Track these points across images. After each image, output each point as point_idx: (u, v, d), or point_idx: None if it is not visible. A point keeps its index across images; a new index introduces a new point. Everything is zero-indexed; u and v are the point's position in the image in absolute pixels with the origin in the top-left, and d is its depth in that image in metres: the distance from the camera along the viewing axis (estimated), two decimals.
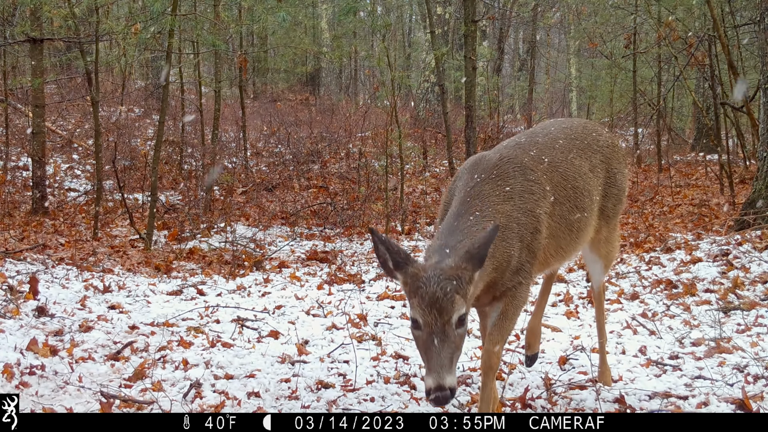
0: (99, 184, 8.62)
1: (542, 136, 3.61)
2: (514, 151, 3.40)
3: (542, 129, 3.75)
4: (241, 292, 6.19)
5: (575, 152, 3.61)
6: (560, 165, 3.47)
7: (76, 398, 3.65)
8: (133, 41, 9.91)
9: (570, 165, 3.52)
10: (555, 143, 3.57)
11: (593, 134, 3.79)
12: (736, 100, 9.40)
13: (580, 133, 3.74)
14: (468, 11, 9.18)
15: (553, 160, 3.46)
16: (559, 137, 3.63)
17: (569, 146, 3.61)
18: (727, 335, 4.61)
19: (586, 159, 3.64)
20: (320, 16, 23.52)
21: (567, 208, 3.42)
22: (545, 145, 3.53)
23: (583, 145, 3.68)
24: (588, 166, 3.63)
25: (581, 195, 3.51)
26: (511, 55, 27.66)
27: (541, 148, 3.50)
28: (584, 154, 3.65)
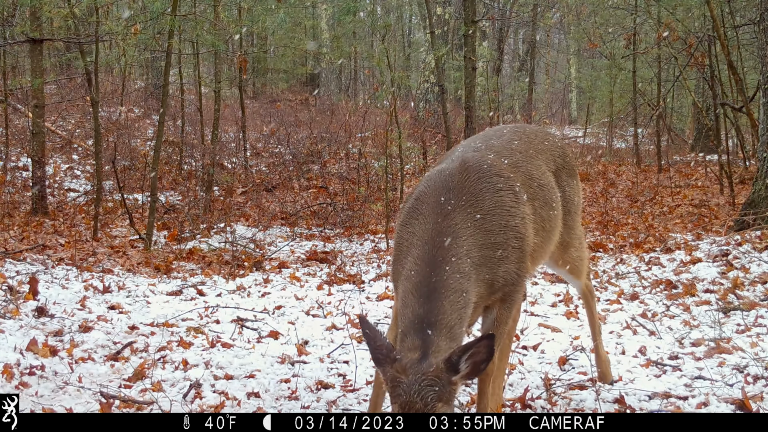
0: (99, 185, 8.62)
1: (497, 139, 3.46)
2: (473, 160, 3.13)
3: (495, 132, 3.61)
4: (240, 293, 6.20)
5: (533, 151, 3.49)
6: (521, 165, 3.32)
7: (76, 398, 3.65)
8: (133, 41, 9.90)
9: (531, 164, 3.39)
10: (511, 144, 3.43)
11: (545, 143, 3.67)
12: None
13: (534, 138, 3.63)
14: (468, 12, 9.18)
15: (513, 161, 3.30)
16: (514, 139, 3.49)
17: (525, 147, 3.48)
18: (727, 335, 4.61)
19: (544, 161, 3.53)
20: (320, 17, 23.52)
21: (539, 204, 3.29)
22: (502, 147, 3.37)
23: (539, 148, 3.57)
24: (546, 167, 3.52)
25: (548, 192, 3.39)
26: (511, 56, 27.65)
27: (498, 150, 3.32)
28: (542, 155, 3.54)
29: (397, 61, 19.01)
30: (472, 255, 2.88)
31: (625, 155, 16.28)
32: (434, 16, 16.14)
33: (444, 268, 2.79)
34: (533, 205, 3.22)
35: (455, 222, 2.90)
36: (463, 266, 2.83)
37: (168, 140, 12.41)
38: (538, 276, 6.72)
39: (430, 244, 2.85)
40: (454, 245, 2.84)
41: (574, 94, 26.87)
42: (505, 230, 3.00)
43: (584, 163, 14.62)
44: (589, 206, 10.43)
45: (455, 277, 2.79)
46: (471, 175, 3.03)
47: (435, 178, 3.09)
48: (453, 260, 2.81)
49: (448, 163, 3.15)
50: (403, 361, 2.61)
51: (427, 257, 2.82)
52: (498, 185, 3.06)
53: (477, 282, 2.89)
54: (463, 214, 2.93)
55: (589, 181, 12.51)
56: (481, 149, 3.29)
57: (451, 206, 2.93)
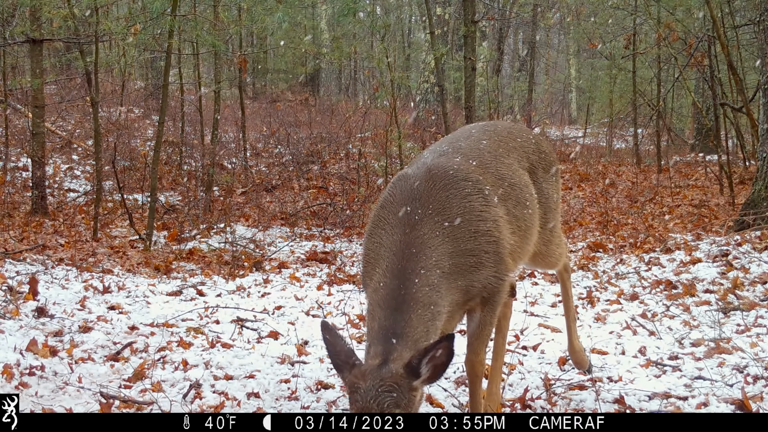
0: (99, 185, 8.62)
1: (465, 140, 3.36)
2: (439, 167, 3.04)
3: (463, 132, 3.52)
4: (240, 293, 6.19)
5: (503, 150, 3.38)
6: (490, 165, 3.22)
7: (76, 399, 3.65)
8: (133, 42, 9.91)
9: (501, 164, 3.28)
10: (479, 144, 3.32)
11: (517, 140, 3.55)
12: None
13: (505, 136, 3.52)
14: (467, 12, 9.18)
15: (482, 162, 3.19)
16: (482, 138, 3.39)
17: (495, 146, 3.37)
18: (727, 336, 4.61)
19: (515, 159, 3.42)
20: (320, 17, 23.52)
21: (512, 204, 3.19)
22: (470, 148, 3.26)
23: (509, 146, 3.46)
24: (518, 165, 3.41)
25: (521, 191, 3.28)
26: (511, 56, 27.66)
27: (466, 152, 3.21)
28: (512, 154, 3.43)
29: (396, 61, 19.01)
30: (442, 265, 2.81)
31: (624, 155, 16.29)
32: (434, 17, 16.14)
33: (413, 281, 2.74)
34: (506, 206, 3.13)
35: (423, 232, 2.83)
36: (432, 278, 2.76)
37: (168, 140, 12.41)
38: (538, 276, 6.72)
39: (398, 256, 2.79)
40: (422, 257, 2.78)
41: (574, 95, 26.88)
42: (476, 236, 2.92)
43: (584, 163, 14.62)
44: (589, 206, 10.43)
45: (424, 290, 2.74)
46: (437, 183, 2.95)
47: (401, 185, 3.00)
48: (422, 272, 2.75)
49: (414, 170, 3.06)
50: (362, 367, 2.58)
51: (395, 269, 2.77)
52: (466, 190, 2.97)
53: (449, 291, 2.83)
54: (431, 223, 2.85)
55: (589, 181, 12.51)
56: (447, 153, 3.19)
57: (418, 216, 2.85)
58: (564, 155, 16.08)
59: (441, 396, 3.87)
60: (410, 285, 2.72)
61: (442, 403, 3.78)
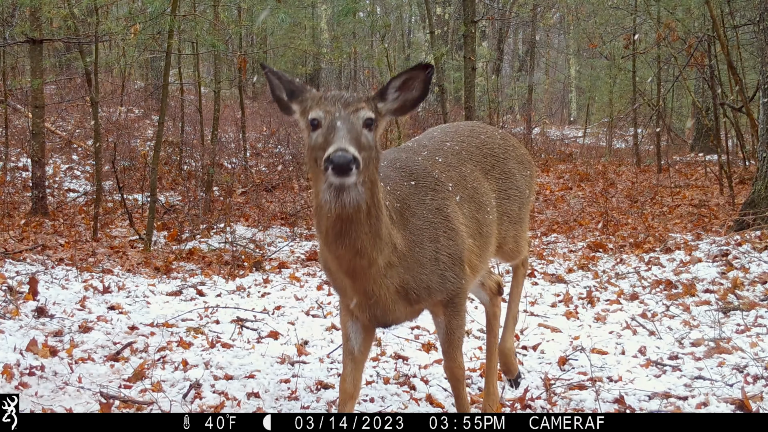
0: (98, 185, 8.63)
1: (428, 140, 3.36)
2: (404, 154, 3.11)
3: (425, 135, 3.49)
4: (240, 293, 6.19)
5: (465, 152, 3.35)
6: (454, 165, 3.21)
7: (76, 399, 3.65)
8: (133, 42, 9.91)
9: (463, 165, 3.26)
10: (443, 145, 3.31)
11: (482, 136, 3.51)
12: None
13: (467, 136, 3.47)
14: (467, 12, 9.19)
15: (446, 161, 3.19)
16: (446, 140, 3.37)
17: (458, 147, 3.35)
18: (727, 335, 4.61)
19: (477, 162, 3.37)
20: (320, 17, 23.52)
21: (472, 208, 3.15)
22: (434, 147, 3.27)
23: (471, 146, 3.41)
24: (479, 168, 3.36)
25: (481, 194, 3.24)
26: (511, 56, 27.66)
27: (430, 149, 3.23)
28: (474, 155, 3.38)
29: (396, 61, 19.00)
30: (404, 214, 2.79)
31: (624, 155, 16.29)
32: (434, 16, 16.15)
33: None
34: (468, 206, 3.11)
35: (391, 178, 2.85)
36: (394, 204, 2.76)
37: (168, 140, 12.42)
38: (538, 276, 6.72)
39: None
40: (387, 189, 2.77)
41: (574, 94, 26.88)
42: (437, 212, 2.90)
43: (584, 163, 14.63)
44: (589, 206, 10.43)
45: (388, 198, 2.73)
46: (399, 166, 2.96)
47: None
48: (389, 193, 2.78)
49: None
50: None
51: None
52: (431, 173, 3.00)
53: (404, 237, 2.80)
54: (398, 180, 2.88)
55: (589, 181, 12.51)
56: (413, 149, 3.22)
57: (383, 174, 2.83)
58: (564, 155, 16.08)
59: (441, 396, 3.87)
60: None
61: (442, 403, 3.78)
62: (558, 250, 8.01)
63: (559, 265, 7.18)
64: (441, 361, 4.40)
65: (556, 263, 7.30)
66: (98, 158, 8.59)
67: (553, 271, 6.94)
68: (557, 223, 9.52)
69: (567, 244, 8.32)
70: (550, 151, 16.64)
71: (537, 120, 19.97)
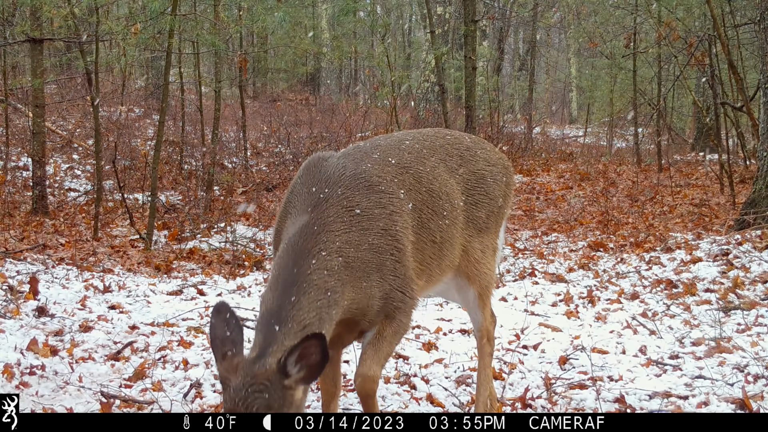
0: (99, 184, 8.63)
1: (384, 139, 3.13)
2: (355, 159, 2.87)
3: (385, 135, 3.29)
4: (241, 292, 6.19)
5: (426, 151, 3.11)
6: (411, 166, 2.98)
7: (77, 398, 3.65)
8: (133, 41, 9.91)
9: (422, 165, 3.02)
10: (401, 144, 3.09)
11: (447, 137, 3.31)
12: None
13: (430, 136, 3.27)
14: (468, 11, 9.18)
15: (401, 161, 2.97)
16: (405, 138, 3.16)
17: (418, 146, 3.12)
18: (728, 335, 4.61)
19: (440, 160, 3.14)
20: (320, 16, 23.52)
21: (427, 215, 2.93)
22: (390, 146, 3.04)
23: (434, 145, 3.18)
24: (443, 167, 3.13)
25: (439, 198, 3.01)
26: (511, 55, 27.66)
27: (384, 149, 3.00)
28: (437, 154, 3.15)
29: (397, 60, 19.00)
30: (346, 254, 2.59)
31: (625, 154, 16.28)
32: (434, 16, 16.14)
33: (309, 262, 2.49)
34: (419, 215, 2.90)
35: (329, 214, 2.63)
36: (332, 263, 2.53)
37: (168, 140, 12.42)
38: (538, 276, 6.72)
39: (300, 235, 2.57)
40: (324, 239, 2.56)
41: (574, 94, 26.87)
42: (383, 234, 2.71)
43: (584, 162, 14.62)
44: (589, 206, 10.43)
45: (321, 273, 2.50)
46: (348, 170, 2.79)
47: (313, 166, 2.84)
48: (322, 254, 2.53)
49: (331, 155, 2.92)
50: (234, 359, 2.34)
51: (293, 248, 2.53)
52: (379, 186, 2.80)
53: (351, 285, 2.58)
54: (339, 207, 2.66)
55: (589, 181, 12.51)
56: (365, 149, 3.01)
57: (324, 196, 2.67)
58: (565, 154, 16.08)
59: (441, 395, 3.87)
60: (305, 265, 2.48)
61: (443, 403, 3.78)
62: (558, 250, 8.00)
63: (560, 265, 7.18)
64: (441, 361, 4.41)
65: (556, 262, 7.30)
66: (99, 158, 8.59)
67: (554, 270, 6.94)
68: (558, 222, 9.52)
69: (567, 244, 8.32)
70: (551, 150, 16.64)
71: (538, 119, 19.96)
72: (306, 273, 2.47)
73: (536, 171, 13.62)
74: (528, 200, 11.09)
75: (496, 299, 5.83)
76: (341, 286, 2.54)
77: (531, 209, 10.40)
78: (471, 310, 3.39)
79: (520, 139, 16.45)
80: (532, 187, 12.07)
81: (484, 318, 3.37)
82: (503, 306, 5.68)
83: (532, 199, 11.17)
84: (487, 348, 3.41)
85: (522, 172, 13.37)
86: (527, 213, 10.16)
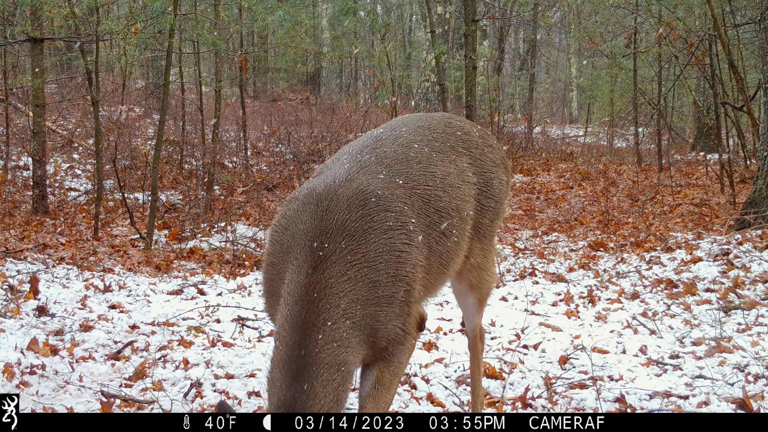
0: (99, 184, 8.63)
1: (391, 144, 2.77)
2: (359, 189, 2.46)
3: (391, 132, 2.89)
4: (241, 292, 6.19)
5: (435, 156, 2.83)
6: (419, 184, 2.66)
7: (77, 398, 3.66)
8: (134, 41, 9.92)
9: (431, 178, 2.73)
10: (409, 151, 2.76)
11: (458, 133, 3.04)
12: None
13: (441, 133, 2.98)
14: (468, 11, 9.17)
15: (408, 180, 2.64)
16: (414, 140, 2.84)
17: (427, 151, 2.83)
18: (728, 335, 4.61)
19: (450, 163, 2.88)
20: (320, 16, 23.52)
21: (434, 238, 2.67)
22: (396, 158, 2.69)
23: (445, 147, 2.92)
24: (456, 174, 2.87)
25: (447, 215, 2.75)
26: (512, 55, 27.65)
27: (390, 164, 2.65)
28: (447, 158, 2.89)
29: (397, 60, 19.01)
30: (353, 314, 2.32)
31: (625, 154, 16.28)
32: (435, 15, 16.14)
33: (315, 339, 2.24)
34: (428, 242, 2.62)
35: (330, 274, 2.30)
36: (339, 332, 2.27)
37: (169, 139, 12.42)
38: (538, 275, 6.72)
39: (300, 304, 2.27)
40: (327, 305, 2.27)
41: (575, 93, 26.87)
42: (394, 281, 2.42)
43: (585, 162, 14.62)
44: (589, 206, 10.43)
45: (330, 347, 2.25)
46: (353, 212, 2.40)
47: (310, 209, 2.43)
48: (328, 325, 2.26)
49: (326, 187, 2.47)
50: None
51: (295, 322, 2.26)
52: (387, 223, 2.44)
53: (360, 346, 2.36)
54: (342, 263, 2.32)
55: (590, 180, 12.51)
56: (369, 163, 2.62)
57: (325, 252, 2.32)
58: (565, 154, 16.08)
59: (442, 395, 3.87)
60: (311, 343, 2.23)
61: (443, 402, 3.78)
62: (559, 249, 8.00)
63: (560, 264, 7.18)
64: (442, 360, 4.41)
65: (557, 262, 7.30)
66: (99, 157, 8.59)
67: (554, 270, 6.94)
68: (558, 222, 9.52)
69: (568, 243, 8.32)
70: (551, 150, 16.64)
71: (538, 119, 19.96)
72: (314, 353, 2.23)
73: (536, 170, 13.63)
74: (528, 200, 11.10)
75: (496, 299, 5.83)
76: (353, 355, 2.33)
77: (531, 209, 10.40)
78: (468, 313, 3.31)
79: (520, 139, 16.46)
80: (532, 187, 12.07)
81: (480, 319, 3.30)
82: (503, 306, 5.68)
83: (533, 199, 11.17)
84: (479, 346, 3.35)
85: (522, 171, 13.37)
86: (527, 212, 10.16)
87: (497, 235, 3.47)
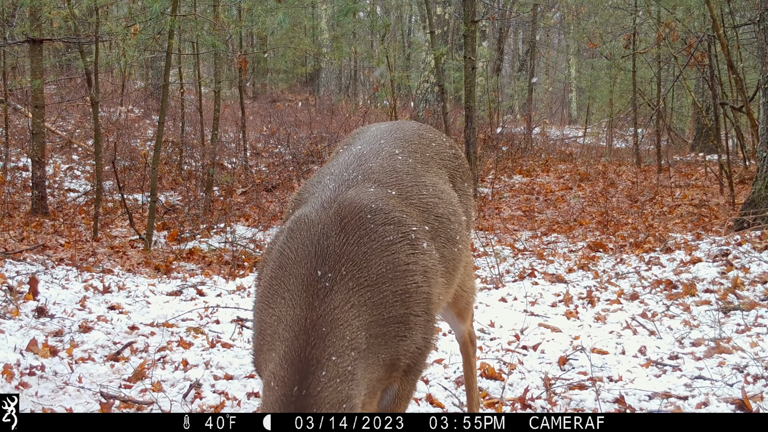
0: (99, 185, 8.63)
1: (374, 158, 2.62)
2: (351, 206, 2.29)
3: (371, 146, 2.74)
4: (240, 293, 6.19)
5: (420, 167, 2.70)
6: (413, 194, 2.52)
7: (76, 399, 3.65)
8: (133, 42, 9.92)
9: (423, 187, 2.59)
10: (395, 163, 2.62)
11: (433, 144, 2.92)
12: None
13: (417, 144, 2.85)
14: (468, 11, 9.18)
15: (402, 191, 2.49)
16: (396, 153, 2.69)
17: (412, 162, 2.69)
18: (727, 335, 4.61)
19: (434, 174, 2.76)
20: (320, 17, 23.53)
21: (441, 243, 2.52)
22: (383, 171, 2.54)
23: (425, 158, 2.80)
24: (441, 182, 2.76)
25: (448, 221, 2.61)
26: (511, 56, 27.67)
27: (379, 178, 2.49)
28: (431, 169, 2.77)
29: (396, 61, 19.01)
30: (358, 343, 2.13)
31: (625, 155, 16.30)
32: (434, 16, 16.14)
33: (318, 376, 2.05)
34: (436, 246, 2.48)
35: (334, 305, 2.10)
36: (343, 365, 2.08)
37: (168, 140, 12.43)
38: (538, 276, 6.72)
39: (301, 340, 2.06)
40: (333, 339, 2.08)
41: (574, 94, 26.90)
42: (403, 298, 2.24)
43: (584, 162, 14.63)
44: (589, 206, 10.43)
45: (333, 384, 2.07)
46: (350, 234, 2.21)
47: (303, 237, 2.22)
48: (332, 360, 2.06)
49: (317, 212, 2.29)
50: None
51: (294, 358, 2.05)
52: (387, 238, 2.27)
53: (367, 372, 2.18)
54: (344, 290, 2.13)
55: (589, 181, 12.51)
56: (356, 181, 2.45)
57: (328, 282, 2.13)
58: (564, 155, 16.09)
59: (441, 396, 3.87)
60: (314, 382, 2.04)
61: (442, 403, 3.78)
62: (558, 250, 8.00)
63: (560, 265, 7.18)
64: (441, 361, 4.41)
65: (556, 263, 7.30)
66: (98, 158, 8.59)
67: (554, 270, 6.94)
68: (557, 222, 9.52)
69: (567, 244, 8.33)
70: (551, 150, 16.65)
71: (537, 120, 19.98)
72: (315, 392, 2.06)
73: (536, 171, 13.64)
74: (527, 201, 11.10)
75: (496, 299, 5.83)
76: (356, 388, 2.15)
77: (530, 210, 10.40)
78: (451, 324, 3.22)
79: (519, 140, 16.47)
80: (531, 188, 12.08)
81: (466, 327, 3.20)
82: (503, 306, 5.68)
83: (532, 200, 11.17)
84: (470, 350, 3.27)
85: (521, 172, 13.38)
86: (527, 213, 10.16)
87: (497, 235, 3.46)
